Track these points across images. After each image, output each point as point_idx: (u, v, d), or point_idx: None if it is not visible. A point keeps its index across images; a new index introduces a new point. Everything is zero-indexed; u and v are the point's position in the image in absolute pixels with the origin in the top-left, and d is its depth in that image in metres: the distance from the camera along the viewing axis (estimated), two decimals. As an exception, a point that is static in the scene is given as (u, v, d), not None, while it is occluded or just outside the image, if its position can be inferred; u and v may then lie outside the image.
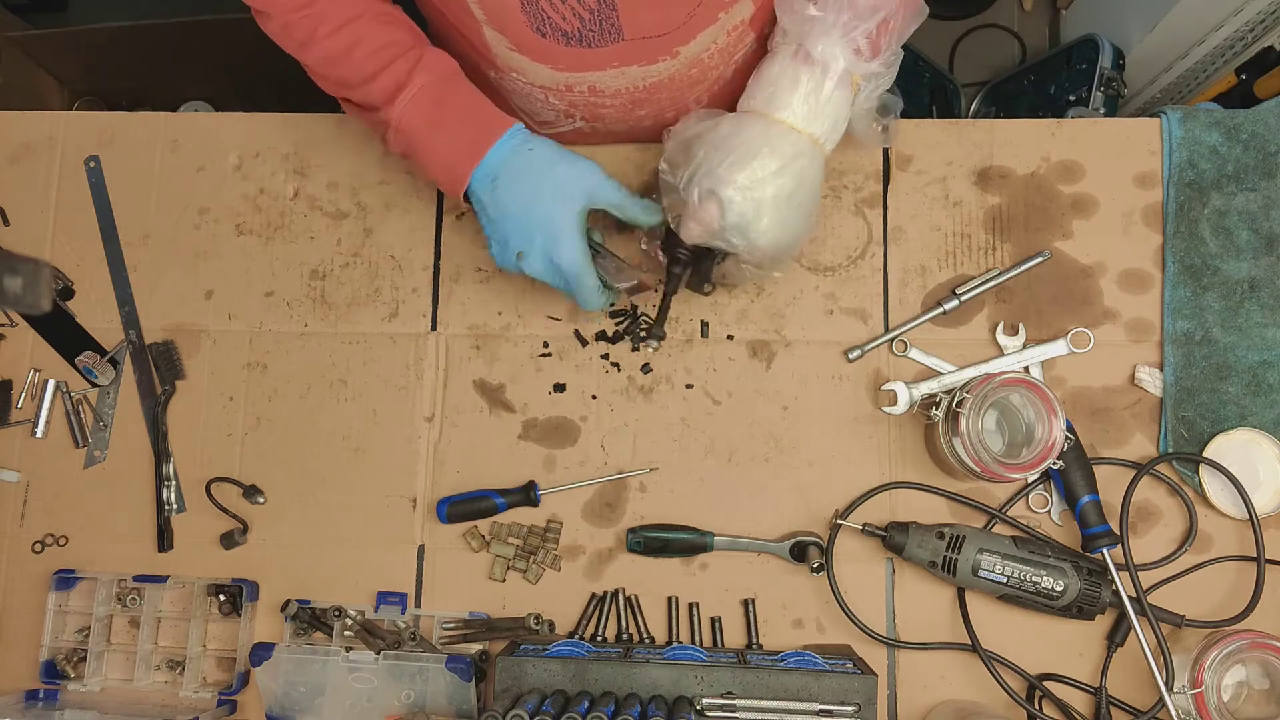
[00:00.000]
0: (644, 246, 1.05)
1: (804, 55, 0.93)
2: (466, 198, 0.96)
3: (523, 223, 0.94)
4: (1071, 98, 1.80)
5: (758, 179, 0.91)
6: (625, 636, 1.06)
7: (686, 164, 0.95)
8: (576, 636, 1.05)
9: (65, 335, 1.14)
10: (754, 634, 1.05)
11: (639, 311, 1.11)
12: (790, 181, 0.92)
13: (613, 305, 1.06)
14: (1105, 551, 1.00)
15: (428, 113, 0.93)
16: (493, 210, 0.94)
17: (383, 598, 1.07)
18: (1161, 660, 0.98)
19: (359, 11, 0.93)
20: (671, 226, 0.99)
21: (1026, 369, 1.07)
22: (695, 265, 1.02)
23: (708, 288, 1.06)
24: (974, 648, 1.03)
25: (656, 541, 1.06)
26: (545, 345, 1.11)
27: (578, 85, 0.98)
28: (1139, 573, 1.01)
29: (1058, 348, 1.07)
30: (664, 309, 1.06)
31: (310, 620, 1.07)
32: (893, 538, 1.02)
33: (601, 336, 1.11)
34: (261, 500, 1.10)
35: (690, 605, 1.06)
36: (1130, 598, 0.99)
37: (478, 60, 1.00)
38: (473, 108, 0.95)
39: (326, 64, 0.95)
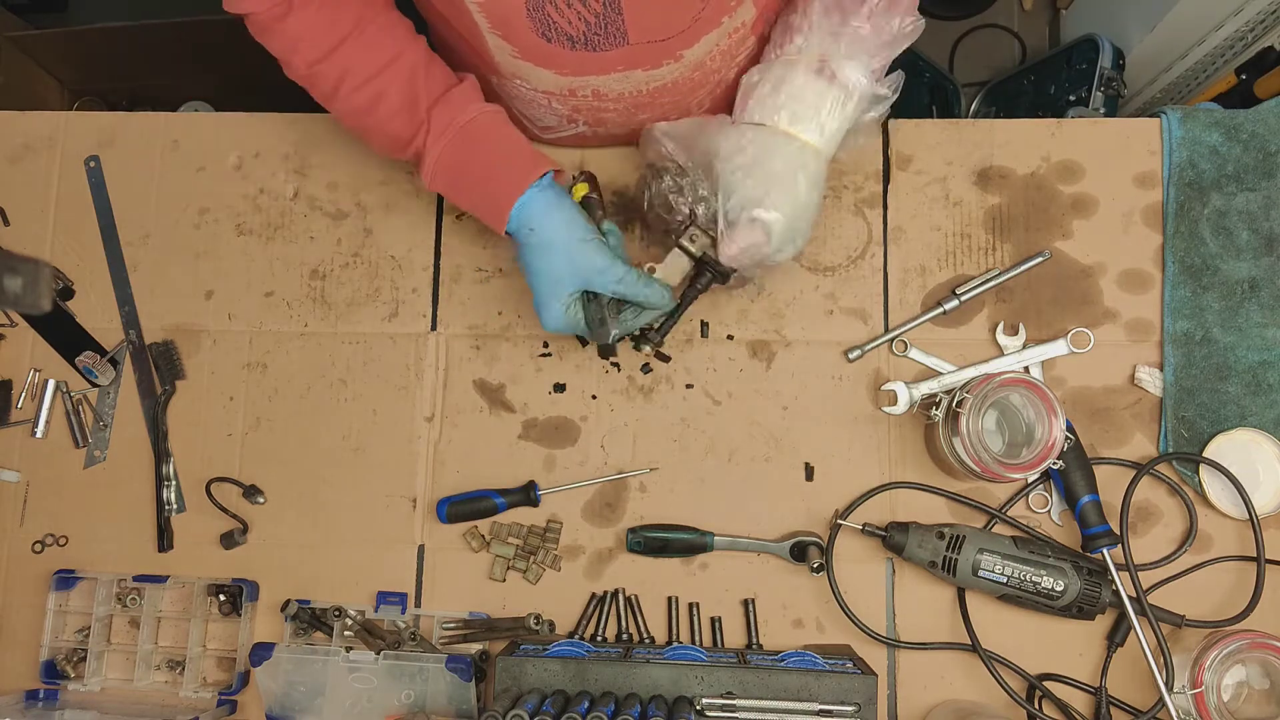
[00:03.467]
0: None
1: (829, 74, 0.95)
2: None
3: (533, 287, 0.98)
4: (1071, 98, 1.80)
5: (799, 205, 0.96)
6: (625, 636, 1.06)
7: (705, 179, 0.98)
8: (576, 636, 1.05)
9: (65, 335, 1.14)
10: (754, 634, 1.05)
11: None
12: (813, 195, 0.97)
13: (620, 338, 1.03)
14: (1105, 551, 1.00)
15: (448, 184, 0.99)
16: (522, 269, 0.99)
17: (383, 598, 1.07)
18: (1161, 660, 0.98)
19: (384, 63, 0.94)
20: (685, 243, 0.99)
21: (1026, 369, 1.07)
22: (714, 281, 1.02)
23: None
24: (974, 648, 1.03)
25: (656, 541, 1.06)
26: (545, 345, 1.11)
27: (581, 90, 0.98)
28: (1139, 573, 1.01)
29: (1058, 348, 1.07)
30: (672, 320, 1.04)
31: (310, 620, 1.07)
32: (893, 538, 1.02)
33: (601, 336, 1.11)
34: (261, 500, 1.10)
35: (690, 605, 1.06)
36: (1130, 598, 0.99)
37: (480, 67, 1.00)
38: (483, 178, 0.97)
39: (351, 117, 0.99)
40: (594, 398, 1.10)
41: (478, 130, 0.96)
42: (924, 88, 2.02)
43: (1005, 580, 0.99)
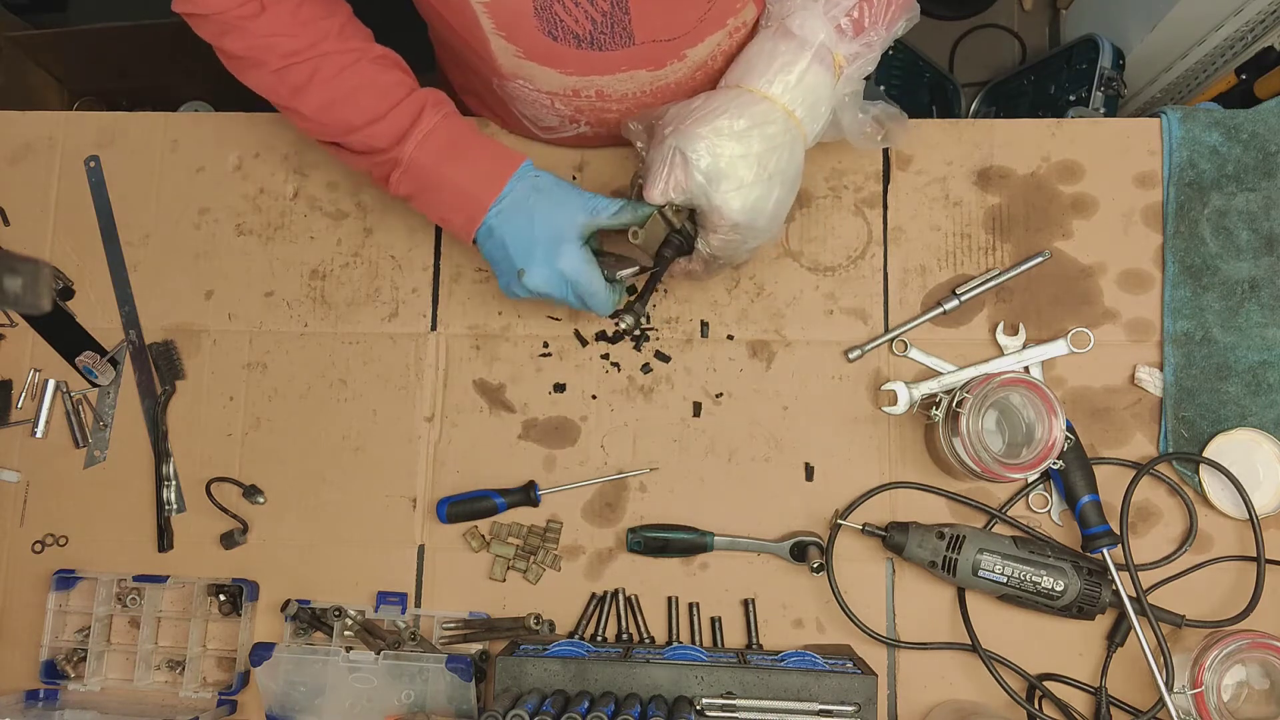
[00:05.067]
0: (634, 240, 0.99)
1: (784, 30, 0.93)
2: (476, 239, 0.99)
3: (525, 237, 0.95)
4: (1071, 98, 1.80)
5: (722, 135, 0.91)
6: (625, 636, 1.06)
7: (656, 139, 0.96)
8: (576, 636, 1.05)
9: (65, 335, 1.14)
10: (754, 634, 1.05)
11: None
12: (759, 144, 0.91)
13: (622, 302, 1.03)
14: (1105, 551, 1.00)
15: (443, 149, 0.96)
16: (499, 231, 0.96)
17: (383, 598, 1.07)
18: (1161, 660, 0.98)
19: (357, 56, 0.95)
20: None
21: (1026, 369, 1.07)
22: (680, 251, 0.99)
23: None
24: (974, 648, 1.03)
25: (656, 541, 1.06)
26: (545, 345, 1.11)
27: (585, 90, 0.98)
28: (1139, 573, 1.01)
29: (1058, 348, 1.07)
30: (648, 288, 1.00)
31: (310, 620, 1.07)
32: (893, 538, 1.02)
33: (601, 336, 1.11)
34: (261, 500, 1.10)
35: (690, 605, 1.06)
36: (1130, 598, 0.99)
37: (481, 68, 0.99)
38: (486, 146, 0.98)
39: (325, 108, 0.96)
40: (594, 398, 1.10)
41: (460, 115, 0.99)
42: (924, 88, 2.03)
43: (1005, 580, 0.99)
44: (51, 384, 1.13)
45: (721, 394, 1.10)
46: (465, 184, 0.96)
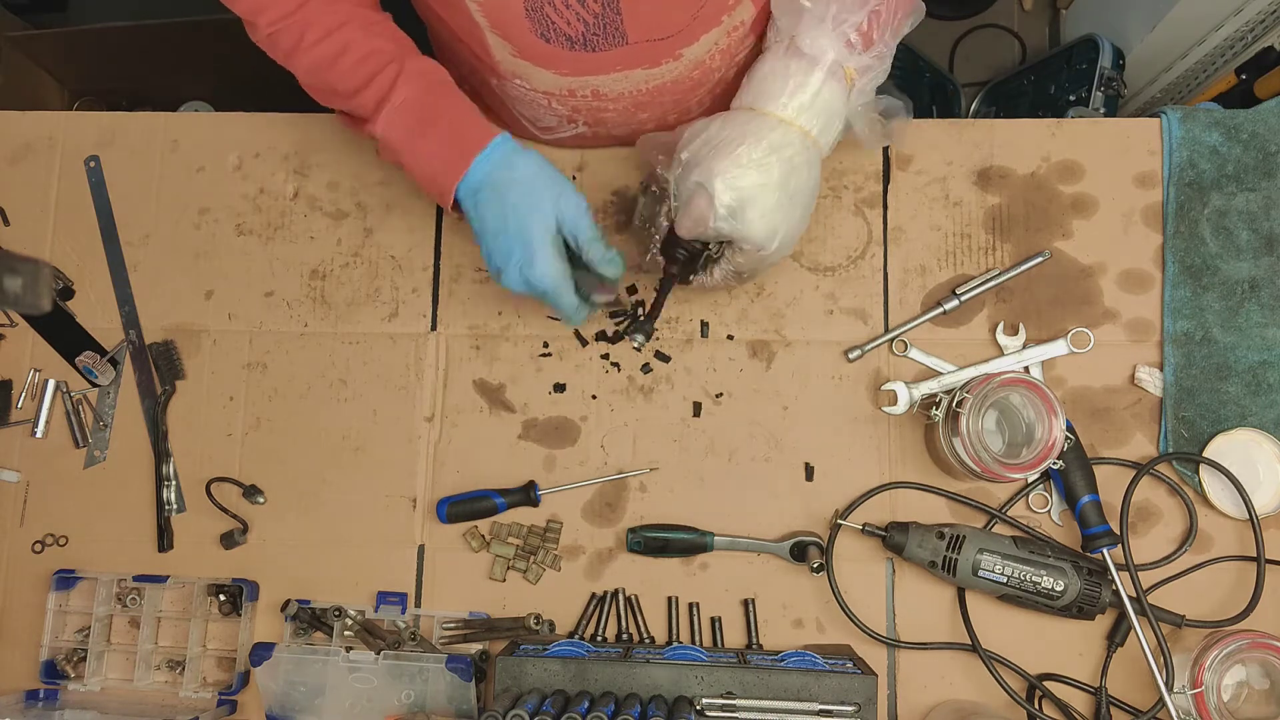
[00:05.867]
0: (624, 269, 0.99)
1: (795, 50, 0.93)
2: (457, 206, 0.96)
3: (501, 239, 0.92)
4: (1071, 98, 1.80)
5: (742, 165, 0.91)
6: (625, 636, 1.06)
7: (676, 165, 0.95)
8: (576, 636, 1.05)
9: (65, 335, 1.14)
10: (754, 634, 1.05)
11: (639, 312, 1.11)
12: (778, 169, 0.91)
13: (593, 313, 1.02)
14: (1105, 551, 1.00)
15: (410, 127, 0.93)
16: (477, 225, 0.94)
17: (383, 598, 1.07)
18: (1161, 660, 0.98)
19: (345, 19, 0.93)
20: (671, 225, 0.98)
21: (1026, 369, 1.07)
22: (689, 266, 1.00)
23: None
24: (974, 648, 1.03)
25: (656, 541, 1.06)
26: (545, 345, 1.11)
27: (581, 90, 0.98)
28: (1139, 573, 1.01)
29: (1058, 348, 1.07)
30: (657, 306, 1.02)
31: (310, 620, 1.07)
32: (893, 538, 1.02)
33: (601, 336, 1.11)
34: (261, 500, 1.10)
35: (690, 605, 1.06)
36: (1130, 598, 0.99)
37: (479, 67, 0.99)
38: (456, 121, 0.94)
39: (314, 72, 0.95)
40: (594, 398, 1.10)
41: (450, 85, 0.95)
42: (924, 88, 2.03)
43: (1005, 580, 0.99)
44: (51, 384, 1.13)
45: (721, 394, 1.10)
46: (428, 165, 0.94)
